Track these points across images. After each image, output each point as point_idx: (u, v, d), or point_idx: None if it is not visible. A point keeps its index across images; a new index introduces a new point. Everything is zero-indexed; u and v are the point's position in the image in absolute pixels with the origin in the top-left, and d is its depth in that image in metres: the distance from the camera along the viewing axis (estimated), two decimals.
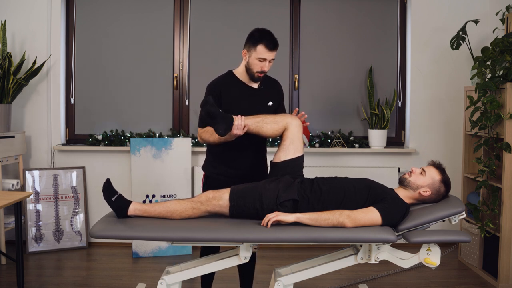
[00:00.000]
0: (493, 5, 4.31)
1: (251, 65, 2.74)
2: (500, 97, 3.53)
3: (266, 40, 2.69)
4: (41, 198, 4.29)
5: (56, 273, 3.78)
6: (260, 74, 2.76)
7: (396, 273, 3.79)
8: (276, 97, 2.95)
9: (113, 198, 2.56)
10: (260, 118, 2.67)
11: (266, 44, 2.69)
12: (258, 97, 2.85)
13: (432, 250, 2.44)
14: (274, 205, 2.53)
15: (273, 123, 2.68)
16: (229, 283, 3.56)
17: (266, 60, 2.72)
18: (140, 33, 4.58)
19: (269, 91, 2.90)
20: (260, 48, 2.69)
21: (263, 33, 2.72)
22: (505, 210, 3.50)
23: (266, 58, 2.71)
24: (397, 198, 2.56)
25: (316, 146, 4.51)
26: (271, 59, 2.74)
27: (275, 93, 2.94)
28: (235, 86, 2.81)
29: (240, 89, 2.81)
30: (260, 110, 2.79)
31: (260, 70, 2.74)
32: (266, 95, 2.88)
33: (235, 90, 2.80)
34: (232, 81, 2.82)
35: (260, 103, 2.85)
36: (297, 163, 2.77)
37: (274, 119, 2.69)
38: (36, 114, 4.46)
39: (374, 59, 4.62)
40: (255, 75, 2.76)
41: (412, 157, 4.53)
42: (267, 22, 4.60)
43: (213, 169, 2.91)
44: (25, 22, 4.40)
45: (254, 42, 2.70)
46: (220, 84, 2.82)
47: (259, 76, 2.77)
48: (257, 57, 2.70)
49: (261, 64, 2.72)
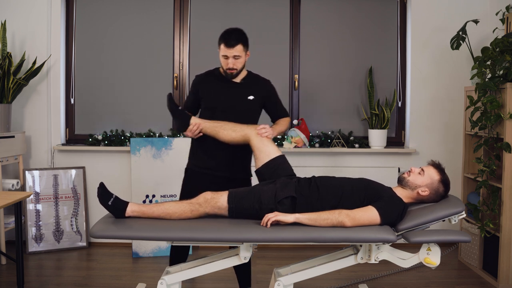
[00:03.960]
0: (493, 5, 4.31)
1: (221, 63, 2.92)
2: (500, 97, 3.53)
3: (225, 39, 2.84)
4: (41, 198, 4.29)
5: (56, 273, 3.79)
6: (230, 70, 2.89)
7: (396, 273, 3.79)
8: (260, 92, 3.01)
9: (109, 201, 2.55)
10: (220, 124, 2.84)
11: (225, 42, 2.84)
12: (238, 89, 2.96)
13: (432, 250, 2.44)
14: (273, 204, 2.54)
15: (231, 131, 2.83)
16: (229, 283, 3.57)
17: (228, 57, 2.85)
18: (140, 33, 4.58)
19: (251, 86, 2.99)
20: (222, 47, 2.86)
21: (226, 32, 2.88)
22: (505, 210, 3.50)
23: (227, 55, 2.84)
24: (393, 196, 2.56)
25: (316, 146, 4.51)
26: (234, 55, 2.85)
27: (258, 89, 3.01)
28: (216, 80, 2.96)
29: (221, 82, 2.95)
30: (238, 103, 2.94)
31: (226, 67, 2.89)
32: (246, 89, 2.97)
33: (215, 83, 2.95)
34: (216, 76, 2.98)
35: (239, 96, 2.95)
36: (277, 163, 2.79)
37: (234, 127, 2.83)
38: (36, 114, 4.46)
39: (374, 59, 4.62)
40: (227, 71, 2.91)
41: (412, 157, 4.53)
42: (267, 22, 4.61)
43: (194, 159, 3.01)
44: (25, 22, 4.40)
45: (218, 42, 2.89)
46: (201, 78, 3.00)
47: (231, 72, 2.90)
48: (221, 54, 2.88)
49: (226, 61, 2.88)
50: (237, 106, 2.95)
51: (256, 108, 3.03)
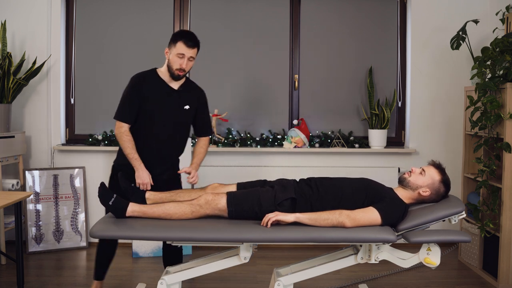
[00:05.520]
0: (493, 5, 4.31)
1: (172, 62, 2.84)
2: (500, 97, 3.53)
3: (185, 38, 2.81)
4: (41, 198, 4.29)
5: (56, 273, 3.78)
6: (180, 71, 2.84)
7: (396, 273, 3.79)
8: (195, 103, 2.99)
9: (110, 201, 2.56)
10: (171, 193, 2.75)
11: (185, 41, 2.80)
12: (176, 98, 2.91)
13: (432, 250, 2.45)
14: (273, 206, 2.54)
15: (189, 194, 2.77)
16: (229, 283, 3.57)
17: (185, 57, 2.81)
18: (140, 33, 4.58)
19: (187, 95, 2.95)
20: (180, 45, 2.80)
21: (184, 32, 2.86)
22: (505, 210, 3.50)
23: (184, 54, 2.80)
24: (395, 197, 2.56)
25: (316, 146, 4.51)
26: (190, 56, 2.82)
27: (193, 99, 2.99)
28: (156, 84, 2.88)
29: (161, 87, 2.88)
30: (175, 112, 2.89)
31: (179, 67, 2.82)
32: (183, 98, 2.93)
33: (155, 88, 2.87)
34: (154, 79, 2.89)
35: (177, 105, 2.91)
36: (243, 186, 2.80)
37: (189, 193, 2.76)
38: (36, 114, 4.46)
39: (374, 59, 4.62)
40: (175, 72, 2.84)
41: (412, 157, 4.53)
42: (267, 22, 4.61)
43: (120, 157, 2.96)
44: (25, 22, 4.40)
45: (174, 39, 2.83)
46: (143, 79, 2.89)
47: (179, 74, 2.84)
48: (177, 53, 2.80)
49: (180, 61, 2.81)
50: (174, 115, 2.90)
51: (190, 118, 2.99)
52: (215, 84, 4.60)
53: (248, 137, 4.51)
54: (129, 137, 2.84)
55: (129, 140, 2.84)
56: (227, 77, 4.61)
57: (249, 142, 4.48)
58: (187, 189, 2.83)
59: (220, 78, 4.61)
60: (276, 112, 4.63)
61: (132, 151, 2.83)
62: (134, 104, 2.85)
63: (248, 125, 4.62)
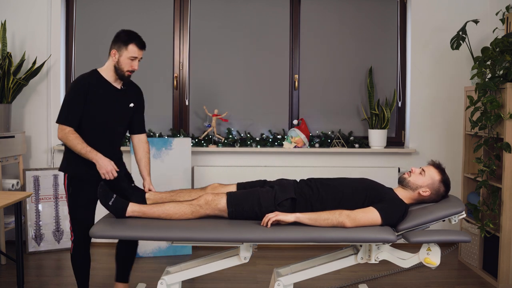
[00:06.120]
0: (493, 5, 4.31)
1: (122, 64, 2.81)
2: (500, 97, 3.53)
3: (136, 40, 2.81)
4: (41, 198, 4.29)
5: (56, 273, 3.78)
6: (130, 72, 2.84)
7: (396, 273, 3.79)
8: (137, 100, 2.99)
9: (110, 202, 2.56)
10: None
11: (137, 43, 2.81)
12: (121, 97, 2.90)
13: (432, 250, 2.45)
14: (273, 206, 2.54)
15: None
16: (229, 283, 3.57)
17: (136, 59, 2.82)
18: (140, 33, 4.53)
19: (130, 93, 2.96)
20: (132, 47, 2.80)
21: (133, 33, 2.84)
22: (505, 210, 3.50)
23: (136, 57, 2.81)
24: (396, 198, 2.56)
25: (316, 146, 4.51)
26: (140, 57, 2.84)
27: (136, 97, 2.99)
28: (101, 86, 2.85)
29: (106, 88, 2.85)
30: (122, 111, 2.89)
31: (130, 68, 2.82)
32: (128, 96, 2.94)
33: (101, 90, 2.83)
34: (98, 81, 2.85)
35: (123, 104, 2.91)
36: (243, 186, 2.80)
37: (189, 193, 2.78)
38: (36, 114, 4.46)
39: (374, 59, 4.62)
40: (125, 74, 2.83)
41: (412, 157, 4.53)
42: (267, 22, 4.61)
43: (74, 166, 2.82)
44: (25, 22, 4.40)
45: (125, 42, 2.80)
46: (88, 82, 2.82)
47: (129, 74, 2.85)
48: (129, 56, 2.80)
49: (132, 63, 2.82)
50: (121, 114, 2.88)
51: (132, 115, 2.97)
52: (215, 84, 4.60)
53: (248, 137, 4.51)
54: (75, 135, 2.74)
55: (77, 137, 2.73)
56: (227, 77, 4.61)
57: (249, 142, 4.48)
58: (187, 189, 2.83)
59: (220, 78, 4.61)
60: (276, 112, 4.63)
61: (84, 145, 2.71)
62: (79, 107, 2.77)
63: (248, 125, 4.63)
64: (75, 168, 2.82)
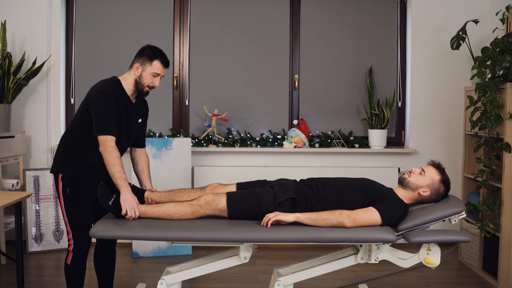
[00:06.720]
0: (493, 5, 4.31)
1: (144, 79, 2.75)
2: (500, 97, 3.53)
3: (162, 57, 2.76)
4: (41, 198, 4.29)
5: (56, 273, 3.78)
6: (149, 89, 2.79)
7: (396, 273, 3.79)
8: (144, 116, 2.97)
9: (110, 202, 2.55)
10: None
11: (162, 61, 2.76)
12: (133, 113, 2.84)
13: (432, 250, 2.45)
14: (273, 207, 2.54)
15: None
16: (229, 283, 3.57)
17: (159, 76, 2.77)
18: (140, 33, 4.58)
19: (141, 109, 2.92)
20: (156, 64, 2.74)
21: (158, 50, 2.79)
22: (505, 210, 3.50)
23: (159, 74, 2.76)
24: (396, 198, 2.56)
25: (316, 146, 4.52)
26: (162, 75, 2.80)
27: (144, 112, 2.96)
28: (123, 99, 2.76)
29: (125, 102, 2.78)
30: (133, 125, 2.85)
31: (151, 84, 2.77)
32: (139, 112, 2.90)
33: (122, 103, 2.75)
34: (121, 93, 2.77)
35: (134, 119, 2.86)
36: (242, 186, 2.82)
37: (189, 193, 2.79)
38: (36, 114, 4.46)
39: (374, 59, 4.62)
40: (144, 89, 2.78)
41: (412, 157, 4.53)
42: (267, 22, 4.61)
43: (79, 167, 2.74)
44: (25, 22, 4.40)
45: (150, 57, 2.74)
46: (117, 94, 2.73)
47: (148, 91, 2.80)
48: (152, 71, 2.74)
49: (154, 79, 2.76)
50: (130, 129, 2.83)
51: (139, 131, 2.95)
52: (215, 84, 4.60)
53: (248, 137, 4.51)
54: (118, 153, 2.64)
55: (119, 157, 2.63)
56: (227, 77, 4.61)
57: (249, 142, 4.48)
58: (186, 189, 2.83)
59: (220, 78, 4.61)
60: (276, 112, 4.64)
61: (121, 169, 2.59)
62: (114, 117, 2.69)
63: (248, 125, 4.63)
64: (73, 168, 2.73)
